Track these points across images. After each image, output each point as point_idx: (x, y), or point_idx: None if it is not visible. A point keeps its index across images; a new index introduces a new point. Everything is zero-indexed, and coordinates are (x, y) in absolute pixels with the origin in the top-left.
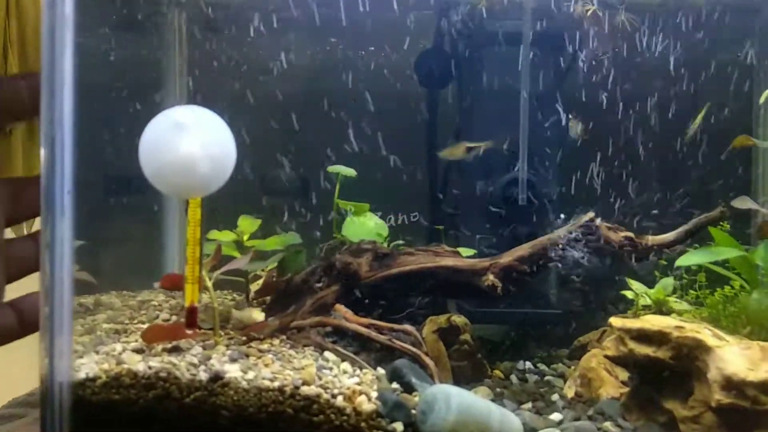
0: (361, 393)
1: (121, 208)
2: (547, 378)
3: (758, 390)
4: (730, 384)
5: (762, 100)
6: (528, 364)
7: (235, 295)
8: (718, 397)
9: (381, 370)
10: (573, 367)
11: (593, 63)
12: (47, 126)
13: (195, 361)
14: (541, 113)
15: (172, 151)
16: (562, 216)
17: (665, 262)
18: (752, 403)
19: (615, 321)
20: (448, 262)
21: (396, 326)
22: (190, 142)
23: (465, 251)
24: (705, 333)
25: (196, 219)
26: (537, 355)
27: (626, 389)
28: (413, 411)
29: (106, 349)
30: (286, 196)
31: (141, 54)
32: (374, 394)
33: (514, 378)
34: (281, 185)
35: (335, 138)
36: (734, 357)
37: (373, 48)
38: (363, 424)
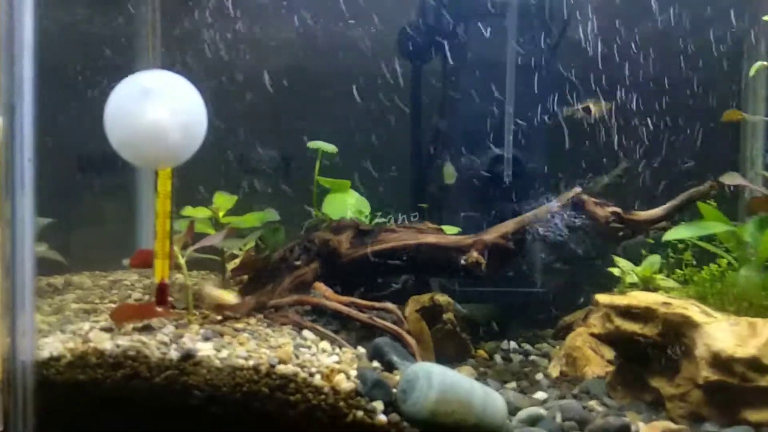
0: (339, 372)
1: (92, 185)
2: (531, 358)
3: (746, 366)
4: (718, 360)
5: (752, 73)
6: (512, 344)
7: (212, 275)
8: (706, 374)
9: (361, 349)
10: (558, 347)
11: (584, 36)
12: (6, 94)
13: (166, 339)
14: (529, 87)
15: (139, 119)
16: (548, 192)
17: (652, 241)
18: (740, 379)
19: (602, 298)
20: (431, 239)
21: (377, 304)
22: (158, 108)
23: (449, 229)
24: (693, 309)
25: (166, 191)
26: (521, 335)
27: (612, 368)
28: (394, 390)
29: (73, 328)
30: (265, 173)
31: (114, 26)
32: (353, 373)
33: (498, 358)
34: (260, 163)
35: (317, 114)
36: (722, 333)
37: (354, 21)
38: (341, 403)
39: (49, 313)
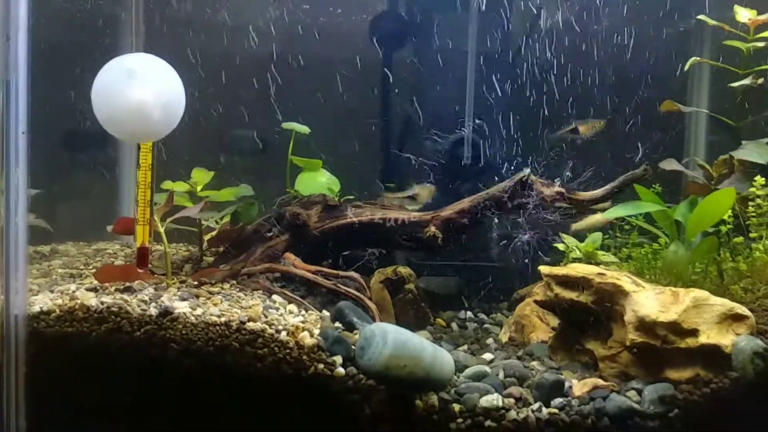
0: (303, 329)
1: (77, 161)
2: (485, 326)
3: (668, 330)
4: (643, 324)
5: (687, 66)
6: (469, 314)
7: (190, 247)
8: (633, 336)
9: (326, 313)
10: (510, 317)
11: (540, 28)
12: (1, 70)
13: (146, 298)
14: (490, 75)
15: (125, 98)
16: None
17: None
18: (662, 342)
19: (543, 269)
20: (394, 214)
21: (342, 273)
22: (142, 89)
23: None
24: (624, 280)
25: (147, 163)
26: (479, 307)
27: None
28: (353, 347)
29: (61, 289)
30: (242, 153)
31: (98, 5)
32: (317, 331)
33: (454, 326)
34: (238, 143)
35: (292, 97)
36: (648, 300)
37: (331, 8)
38: (305, 357)
39: (37, 276)
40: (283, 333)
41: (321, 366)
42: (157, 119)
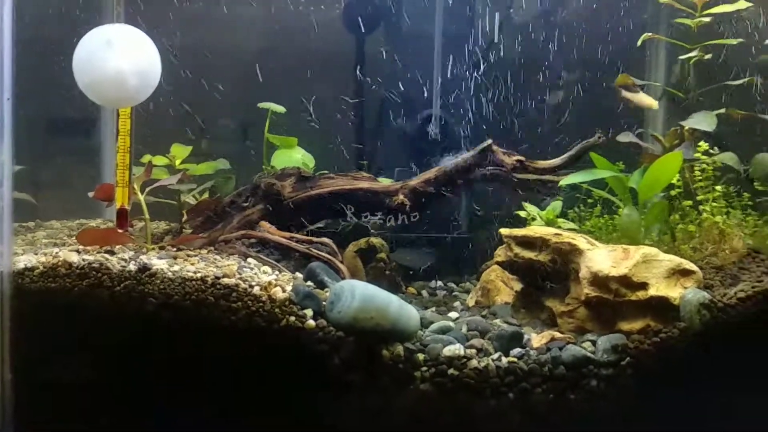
0: (276, 285)
1: (61, 144)
2: (454, 293)
3: (619, 284)
4: (596, 279)
5: (639, 42)
6: (439, 283)
7: (170, 224)
8: (587, 291)
9: (299, 275)
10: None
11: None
12: None
13: (126, 257)
14: (456, 56)
15: (103, 66)
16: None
17: (561, 199)
18: (614, 295)
19: (504, 231)
20: (364, 184)
21: (315, 239)
22: (119, 57)
23: (384, 181)
24: (579, 239)
25: (126, 129)
26: (450, 278)
27: None
28: (323, 302)
29: (45, 251)
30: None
31: None
32: (289, 287)
33: (425, 293)
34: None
35: (270, 80)
36: (600, 257)
37: None
38: (277, 310)
39: (22, 245)
40: (257, 288)
41: (292, 318)
42: (133, 86)
